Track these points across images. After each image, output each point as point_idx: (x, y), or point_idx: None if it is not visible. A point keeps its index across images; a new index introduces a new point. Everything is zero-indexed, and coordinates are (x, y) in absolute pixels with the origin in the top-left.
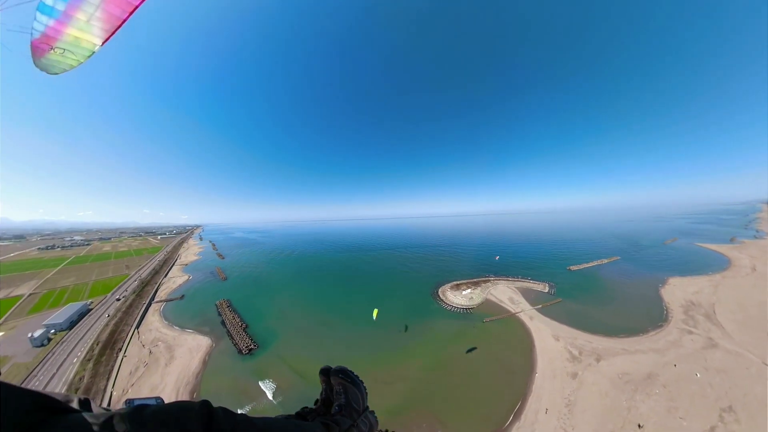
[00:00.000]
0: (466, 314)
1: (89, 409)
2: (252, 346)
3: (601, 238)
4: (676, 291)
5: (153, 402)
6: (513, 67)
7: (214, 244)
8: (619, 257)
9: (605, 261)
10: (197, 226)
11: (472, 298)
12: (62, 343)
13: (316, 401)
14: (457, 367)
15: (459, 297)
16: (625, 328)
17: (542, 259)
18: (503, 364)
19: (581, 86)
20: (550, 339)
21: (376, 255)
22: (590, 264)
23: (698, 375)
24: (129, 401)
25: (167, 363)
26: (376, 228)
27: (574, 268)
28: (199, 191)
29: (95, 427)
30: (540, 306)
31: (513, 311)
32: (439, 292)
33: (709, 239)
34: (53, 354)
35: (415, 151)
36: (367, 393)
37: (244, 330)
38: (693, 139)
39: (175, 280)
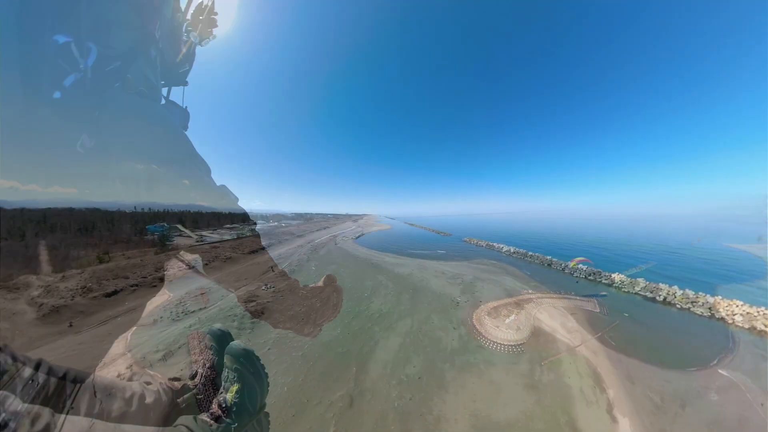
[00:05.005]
0: (519, 353)
1: None
2: None
3: (625, 238)
4: (728, 303)
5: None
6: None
7: None
8: (655, 262)
9: (642, 267)
10: None
11: (519, 327)
12: None
13: (195, 373)
14: None
15: (503, 328)
16: (694, 356)
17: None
18: None
19: (583, 81)
20: (625, 382)
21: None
22: (628, 272)
23: None
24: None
25: None
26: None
27: (614, 276)
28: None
29: None
30: (599, 334)
31: (572, 345)
32: (474, 321)
33: (736, 239)
34: None
35: (410, 149)
36: (268, 389)
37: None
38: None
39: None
